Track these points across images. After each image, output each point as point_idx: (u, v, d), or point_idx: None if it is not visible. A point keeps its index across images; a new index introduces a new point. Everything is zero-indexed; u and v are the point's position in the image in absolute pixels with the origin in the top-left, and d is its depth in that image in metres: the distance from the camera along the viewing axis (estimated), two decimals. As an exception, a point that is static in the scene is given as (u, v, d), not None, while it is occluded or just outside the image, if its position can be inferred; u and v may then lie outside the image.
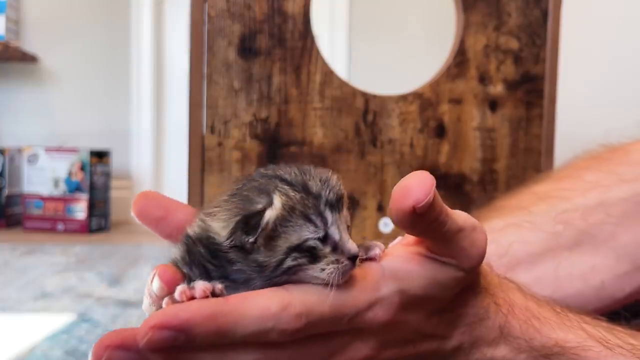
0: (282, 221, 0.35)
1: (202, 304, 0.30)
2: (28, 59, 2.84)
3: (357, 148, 0.83)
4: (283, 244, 0.35)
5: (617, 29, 2.08)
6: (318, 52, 0.81)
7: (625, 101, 2.05)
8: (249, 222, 0.34)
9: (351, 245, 0.35)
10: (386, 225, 0.85)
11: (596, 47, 2.10)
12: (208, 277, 0.34)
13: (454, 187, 0.87)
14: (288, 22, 0.80)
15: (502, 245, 0.55)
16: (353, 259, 0.35)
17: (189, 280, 0.34)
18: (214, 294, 0.32)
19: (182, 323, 0.28)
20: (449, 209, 0.36)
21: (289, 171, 0.38)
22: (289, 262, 0.34)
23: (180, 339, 0.28)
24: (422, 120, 0.86)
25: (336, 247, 0.35)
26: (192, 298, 0.31)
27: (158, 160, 3.10)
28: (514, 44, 0.88)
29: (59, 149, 2.62)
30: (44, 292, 1.61)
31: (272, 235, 0.34)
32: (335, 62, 2.76)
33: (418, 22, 2.82)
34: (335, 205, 0.36)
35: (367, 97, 0.84)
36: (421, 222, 0.34)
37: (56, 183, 2.60)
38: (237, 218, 0.34)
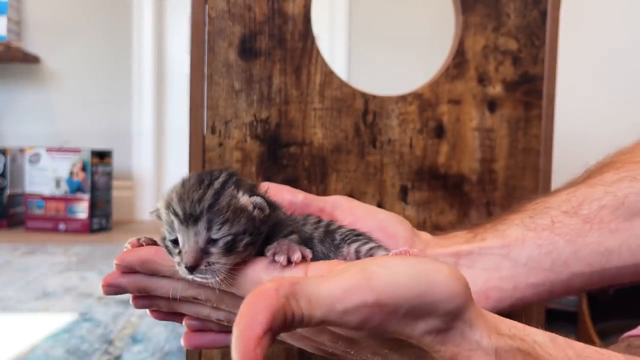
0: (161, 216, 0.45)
1: (141, 252, 0.46)
2: (30, 59, 2.85)
3: (356, 148, 0.84)
4: (161, 231, 0.45)
5: (615, 30, 2.08)
6: (318, 53, 0.82)
7: (624, 101, 2.05)
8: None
9: (185, 258, 0.42)
10: (386, 225, 0.85)
11: (595, 47, 2.10)
12: None
13: (453, 188, 0.88)
14: (288, 23, 0.80)
15: (618, 196, 0.57)
16: (188, 268, 0.42)
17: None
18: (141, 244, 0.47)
19: (126, 263, 0.46)
20: None
21: (190, 177, 0.45)
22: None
23: (126, 270, 0.46)
24: (422, 120, 0.86)
25: (181, 253, 0.43)
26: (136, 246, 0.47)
27: (159, 160, 3.10)
28: (512, 45, 0.89)
29: (61, 149, 2.63)
30: (45, 291, 1.62)
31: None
32: (335, 63, 2.77)
33: (417, 23, 2.82)
34: (184, 220, 0.43)
35: (366, 98, 0.84)
36: None
37: (58, 183, 2.60)
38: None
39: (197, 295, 0.46)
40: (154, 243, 0.48)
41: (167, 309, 0.49)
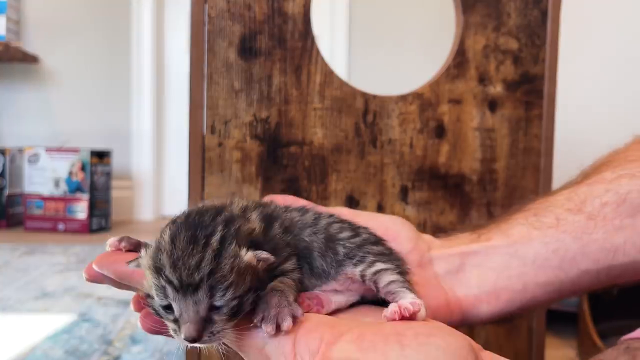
0: (145, 275, 0.39)
1: (117, 268, 0.43)
2: (29, 59, 2.84)
3: (357, 148, 0.84)
4: (146, 287, 0.40)
5: (616, 29, 2.08)
6: (318, 53, 0.81)
7: (625, 101, 2.05)
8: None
9: (185, 331, 0.37)
10: (386, 225, 0.85)
11: (595, 47, 2.10)
12: None
13: (453, 187, 0.87)
14: (288, 23, 0.80)
15: (619, 193, 0.57)
16: (189, 340, 0.37)
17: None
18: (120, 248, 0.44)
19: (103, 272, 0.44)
20: None
21: (179, 232, 0.39)
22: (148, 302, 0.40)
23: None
24: (422, 120, 0.86)
25: (177, 321, 0.38)
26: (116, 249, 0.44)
27: (158, 160, 3.10)
28: (513, 45, 0.89)
29: (60, 149, 2.63)
30: (44, 292, 1.61)
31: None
32: (335, 62, 2.76)
33: (418, 23, 2.82)
34: (180, 288, 0.37)
35: (367, 98, 0.84)
36: None
37: (57, 183, 2.60)
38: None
39: None
40: (138, 245, 0.44)
41: None
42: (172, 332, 0.39)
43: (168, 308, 0.38)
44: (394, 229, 0.55)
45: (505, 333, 0.89)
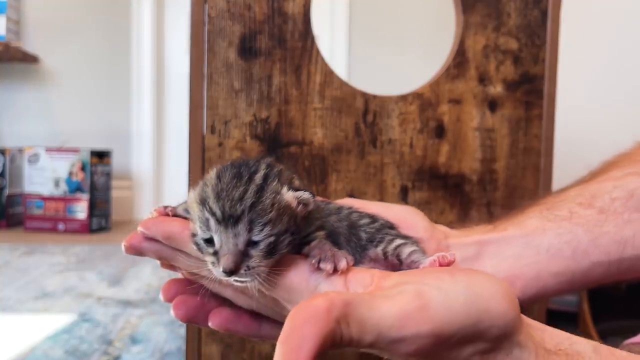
0: (191, 211, 0.42)
1: (167, 226, 0.43)
2: (29, 59, 2.84)
3: (357, 148, 0.84)
4: (192, 227, 0.42)
5: (616, 29, 2.08)
6: (318, 53, 0.81)
7: (625, 101, 2.05)
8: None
9: (224, 262, 0.38)
10: (386, 225, 0.85)
11: (595, 47, 2.10)
12: None
13: (453, 187, 0.87)
14: (288, 23, 0.80)
15: (628, 189, 0.60)
16: (227, 272, 0.39)
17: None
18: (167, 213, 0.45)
19: (150, 233, 0.44)
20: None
21: (225, 169, 0.41)
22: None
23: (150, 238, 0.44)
24: (422, 120, 0.86)
25: (217, 254, 0.40)
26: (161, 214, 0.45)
27: (158, 160, 3.10)
28: (513, 45, 0.89)
29: (60, 149, 2.63)
30: (44, 292, 1.61)
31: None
32: (335, 62, 2.76)
33: (418, 23, 2.82)
34: (222, 220, 0.39)
35: (367, 97, 0.84)
36: None
37: (57, 183, 2.60)
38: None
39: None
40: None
41: (188, 276, 0.47)
42: (210, 266, 0.40)
43: (209, 241, 0.40)
44: (409, 219, 0.56)
45: (505, 333, 0.89)
